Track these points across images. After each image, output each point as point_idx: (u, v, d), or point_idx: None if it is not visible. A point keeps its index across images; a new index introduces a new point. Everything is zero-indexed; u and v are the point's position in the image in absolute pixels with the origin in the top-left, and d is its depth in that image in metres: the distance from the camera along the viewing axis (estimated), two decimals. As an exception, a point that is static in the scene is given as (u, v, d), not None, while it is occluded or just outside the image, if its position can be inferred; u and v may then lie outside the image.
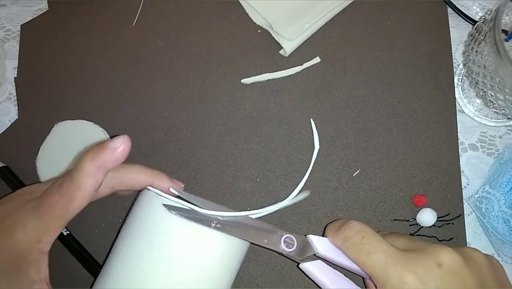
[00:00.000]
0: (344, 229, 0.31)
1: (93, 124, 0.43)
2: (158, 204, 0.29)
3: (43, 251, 0.28)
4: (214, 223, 0.29)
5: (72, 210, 0.27)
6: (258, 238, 0.31)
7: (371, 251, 0.29)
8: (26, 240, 0.27)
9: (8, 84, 0.46)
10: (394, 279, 0.27)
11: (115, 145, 0.27)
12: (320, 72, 0.45)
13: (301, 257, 0.32)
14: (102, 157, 0.27)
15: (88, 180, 0.27)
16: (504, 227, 0.38)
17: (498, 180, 0.39)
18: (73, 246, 0.38)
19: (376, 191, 0.41)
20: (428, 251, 0.28)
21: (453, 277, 0.27)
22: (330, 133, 0.43)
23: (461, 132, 0.43)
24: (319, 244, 0.32)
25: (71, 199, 0.27)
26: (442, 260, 0.28)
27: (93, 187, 0.27)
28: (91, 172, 0.27)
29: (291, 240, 0.32)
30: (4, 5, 0.49)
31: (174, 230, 0.29)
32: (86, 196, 0.27)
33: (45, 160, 0.42)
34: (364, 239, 0.30)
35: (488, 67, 0.36)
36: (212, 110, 0.44)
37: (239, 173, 0.42)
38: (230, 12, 0.48)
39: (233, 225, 0.30)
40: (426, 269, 0.27)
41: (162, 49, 0.46)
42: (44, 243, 0.28)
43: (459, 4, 0.47)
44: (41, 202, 0.28)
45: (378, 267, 0.28)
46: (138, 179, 0.32)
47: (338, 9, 0.46)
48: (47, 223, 0.27)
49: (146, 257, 0.29)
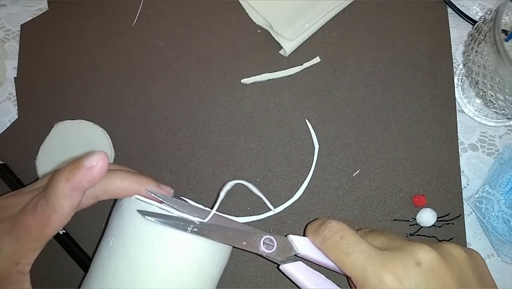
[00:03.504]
0: (323, 229, 0.31)
1: (93, 124, 0.43)
2: (134, 209, 0.29)
3: (23, 272, 0.27)
4: (191, 227, 0.29)
5: (49, 233, 0.26)
6: (237, 241, 0.30)
7: (349, 251, 0.29)
8: (3, 264, 0.26)
9: (8, 84, 0.46)
10: (372, 280, 0.27)
11: (91, 163, 0.25)
12: (320, 72, 0.45)
13: (282, 258, 0.32)
14: (77, 177, 0.25)
15: (64, 201, 0.25)
16: (504, 227, 0.38)
17: (498, 180, 0.39)
18: (68, 245, 0.38)
19: (376, 191, 0.41)
20: (407, 250, 0.28)
21: (432, 275, 0.27)
22: (330, 133, 0.43)
23: (461, 132, 0.43)
24: (300, 244, 0.32)
25: (46, 222, 0.25)
26: (421, 258, 0.27)
27: (70, 208, 0.26)
28: (66, 194, 0.25)
29: (271, 241, 0.32)
30: (4, 5, 0.49)
31: (149, 235, 0.28)
32: (64, 217, 0.26)
33: (45, 160, 0.42)
34: (343, 239, 0.30)
35: (488, 67, 0.36)
36: (212, 110, 0.44)
37: (239, 173, 0.42)
38: (230, 12, 0.48)
39: (211, 229, 0.29)
40: (404, 269, 0.27)
41: (162, 49, 0.46)
42: (23, 265, 0.27)
43: (459, 4, 0.47)
44: (16, 223, 0.26)
45: (356, 268, 0.28)
46: (123, 188, 0.29)
47: (338, 9, 0.46)
48: (23, 245, 0.26)
49: (124, 263, 0.28)
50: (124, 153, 0.43)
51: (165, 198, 0.30)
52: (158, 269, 0.28)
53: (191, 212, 0.30)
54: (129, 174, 0.30)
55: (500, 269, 0.40)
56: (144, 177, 0.30)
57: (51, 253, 0.29)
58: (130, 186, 0.29)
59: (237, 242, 0.30)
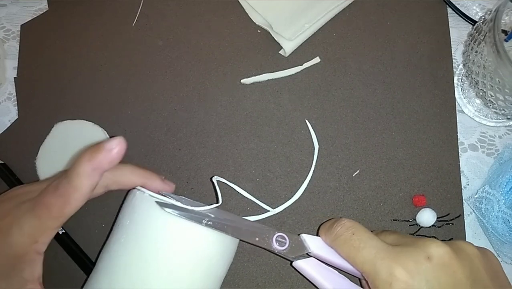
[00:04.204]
0: (335, 227, 0.31)
1: (93, 124, 0.43)
2: (150, 202, 0.30)
3: (39, 252, 0.28)
4: (206, 220, 0.30)
5: (69, 211, 0.28)
6: (250, 236, 0.31)
7: (360, 247, 0.29)
8: (23, 240, 0.28)
9: (8, 84, 0.46)
10: (383, 273, 0.27)
11: (111, 146, 0.27)
12: (320, 72, 0.45)
13: (294, 256, 0.32)
14: (98, 158, 0.27)
15: (85, 181, 0.27)
16: (504, 227, 0.38)
17: (498, 180, 0.39)
18: (68, 245, 0.38)
19: (376, 191, 0.41)
20: (418, 245, 0.28)
21: (443, 270, 0.27)
22: (330, 133, 0.43)
23: (461, 132, 0.43)
24: (312, 243, 0.32)
25: (67, 200, 0.27)
26: (432, 252, 0.27)
27: (89, 188, 0.27)
28: (87, 173, 0.27)
29: (283, 239, 0.32)
30: (4, 5, 0.49)
31: (167, 226, 0.29)
32: (83, 196, 0.27)
33: (45, 160, 0.42)
34: (354, 235, 0.30)
35: (488, 67, 0.36)
36: (212, 110, 0.44)
37: (239, 173, 0.42)
38: (230, 12, 0.48)
39: (224, 223, 0.30)
40: (415, 262, 0.27)
41: (162, 49, 0.46)
42: (41, 244, 0.28)
43: (459, 4, 0.47)
44: (37, 202, 0.28)
45: (367, 262, 0.28)
46: (131, 180, 0.32)
47: (338, 9, 0.46)
48: (43, 223, 0.28)
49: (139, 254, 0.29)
50: (124, 152, 0.43)
51: (169, 196, 0.31)
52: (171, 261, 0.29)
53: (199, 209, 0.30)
54: (137, 167, 0.33)
55: (500, 269, 0.40)
56: (149, 171, 0.33)
57: (51, 253, 0.29)
58: (137, 179, 0.32)
59: (250, 238, 0.31)
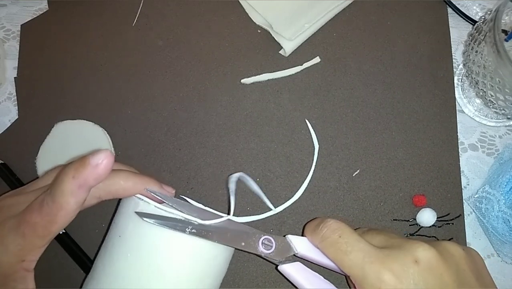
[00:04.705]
0: (321, 228, 0.31)
1: (93, 124, 0.43)
2: (133, 211, 0.29)
3: (28, 269, 0.27)
4: (189, 228, 0.29)
5: (55, 230, 0.26)
6: (235, 242, 0.30)
7: (348, 250, 0.29)
8: (9, 260, 0.26)
9: (8, 84, 0.46)
10: (371, 278, 0.27)
11: (97, 161, 0.26)
12: (320, 72, 0.45)
13: (281, 258, 0.32)
14: (83, 175, 0.25)
15: (70, 199, 0.26)
16: (504, 227, 0.38)
17: (498, 180, 0.39)
18: (68, 245, 0.38)
19: (376, 191, 0.41)
20: (405, 248, 0.28)
21: (430, 273, 0.27)
22: (330, 133, 0.43)
23: (461, 132, 0.43)
24: (298, 244, 0.32)
25: (53, 219, 0.26)
26: (419, 256, 0.27)
27: (76, 205, 0.26)
28: (72, 191, 0.25)
29: (270, 242, 0.31)
30: (4, 5, 0.49)
31: (148, 236, 0.28)
32: (69, 215, 0.26)
33: (45, 160, 0.42)
34: (341, 238, 0.29)
35: (488, 67, 0.36)
36: (212, 110, 0.44)
37: (239, 173, 0.42)
38: (230, 12, 0.48)
39: (209, 230, 0.29)
40: (403, 266, 0.27)
41: (162, 49, 0.46)
42: (28, 262, 0.27)
43: (459, 4, 0.47)
44: (22, 220, 0.26)
45: (355, 266, 0.28)
46: (126, 188, 0.29)
47: (338, 9, 0.46)
48: (30, 243, 0.26)
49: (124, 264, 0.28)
50: (124, 153, 0.43)
51: (165, 198, 0.30)
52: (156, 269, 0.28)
53: (191, 212, 0.30)
54: (131, 174, 0.30)
55: (500, 269, 0.40)
56: (146, 177, 0.30)
57: (51, 253, 0.29)
58: (133, 186, 0.30)
59: (236, 243, 0.30)
